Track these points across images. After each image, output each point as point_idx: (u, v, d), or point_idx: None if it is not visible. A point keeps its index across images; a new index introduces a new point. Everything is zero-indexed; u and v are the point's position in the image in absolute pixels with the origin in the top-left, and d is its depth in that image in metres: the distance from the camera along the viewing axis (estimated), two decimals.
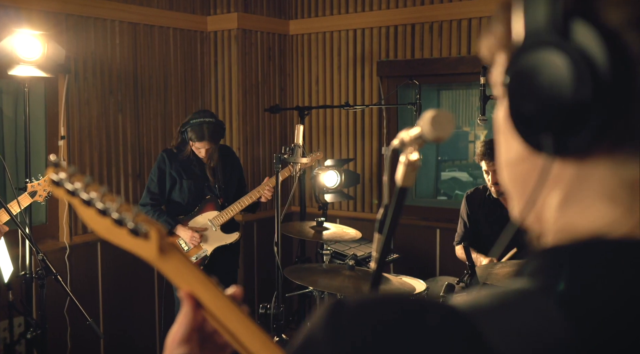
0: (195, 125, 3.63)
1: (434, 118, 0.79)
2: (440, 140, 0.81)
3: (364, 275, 3.36)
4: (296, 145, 2.73)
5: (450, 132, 0.80)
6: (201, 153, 3.72)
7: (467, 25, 4.35)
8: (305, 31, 5.03)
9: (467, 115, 6.44)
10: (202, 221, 3.78)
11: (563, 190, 0.61)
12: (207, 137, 3.63)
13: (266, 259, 5.02)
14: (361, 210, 4.92)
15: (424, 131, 0.81)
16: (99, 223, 0.86)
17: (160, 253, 0.87)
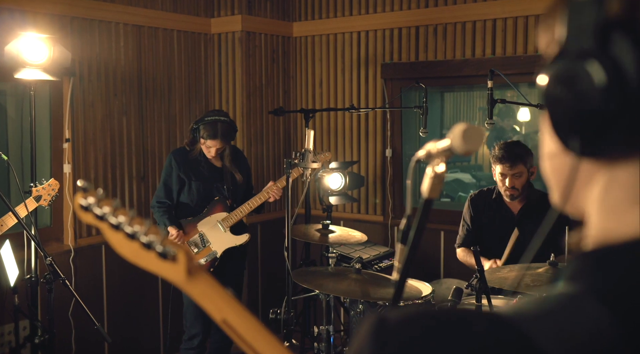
0: (209, 123, 3.62)
1: (465, 132, 0.79)
2: (469, 153, 0.81)
3: (371, 278, 3.36)
4: (307, 150, 2.72)
5: (480, 145, 0.80)
6: (211, 152, 3.70)
7: (472, 27, 4.35)
8: (309, 33, 5.03)
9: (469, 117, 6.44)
10: (211, 222, 3.78)
11: (600, 192, 0.63)
12: (219, 136, 3.63)
13: (270, 261, 5.01)
14: (365, 212, 4.92)
15: (454, 144, 0.81)
16: (128, 246, 0.85)
17: (189, 276, 0.87)
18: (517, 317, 0.56)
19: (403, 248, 1.09)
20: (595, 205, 0.63)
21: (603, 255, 0.60)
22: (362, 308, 3.32)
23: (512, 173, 3.53)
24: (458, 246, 3.88)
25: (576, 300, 0.56)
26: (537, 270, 2.77)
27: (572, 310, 0.55)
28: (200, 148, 3.74)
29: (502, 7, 4.23)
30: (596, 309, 0.54)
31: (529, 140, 5.43)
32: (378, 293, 3.20)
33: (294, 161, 2.72)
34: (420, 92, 4.57)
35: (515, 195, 3.61)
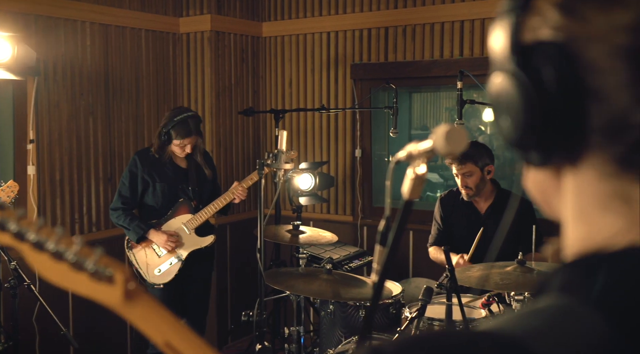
0: (179, 122, 3.58)
1: (448, 133, 0.80)
2: (452, 154, 0.82)
3: (342, 278, 3.36)
4: (279, 150, 2.71)
5: (463, 147, 0.80)
6: (186, 149, 3.65)
7: (440, 29, 4.39)
8: (279, 33, 5.01)
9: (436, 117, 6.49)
10: (175, 225, 3.73)
11: (571, 201, 0.63)
12: (193, 131, 3.59)
13: (239, 262, 4.99)
14: (334, 212, 4.93)
15: (437, 145, 0.82)
16: (54, 269, 0.75)
17: (127, 298, 0.78)
18: (520, 334, 0.54)
19: (382, 250, 1.09)
20: (569, 214, 0.64)
21: (591, 264, 0.59)
22: (332, 308, 3.32)
23: (462, 173, 3.60)
24: (430, 245, 3.92)
25: (575, 313, 0.55)
26: (505, 268, 2.81)
27: (573, 323, 0.55)
28: (170, 152, 3.69)
29: (469, 9, 4.27)
30: (596, 320, 0.54)
31: (495, 140, 5.49)
32: (349, 293, 3.20)
33: (267, 162, 2.70)
34: (390, 93, 4.60)
35: (470, 194, 3.66)
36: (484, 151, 3.65)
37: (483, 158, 3.63)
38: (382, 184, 5.01)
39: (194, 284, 3.86)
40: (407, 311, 3.02)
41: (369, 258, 4.29)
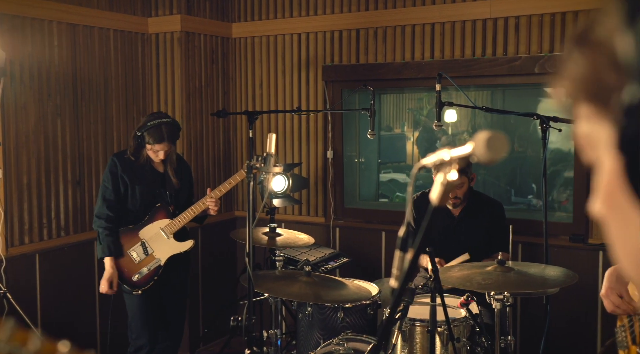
0: (153, 128, 3.51)
1: (489, 139, 0.80)
2: (493, 162, 0.82)
3: (321, 280, 3.36)
4: (269, 154, 2.69)
5: (504, 154, 0.81)
6: (159, 155, 3.59)
7: (411, 31, 4.43)
8: (249, 34, 4.98)
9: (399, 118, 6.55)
10: (153, 230, 3.67)
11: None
12: (166, 138, 3.52)
13: (211, 266, 4.94)
14: (306, 213, 4.92)
15: (477, 152, 0.82)
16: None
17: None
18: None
19: (401, 255, 1.09)
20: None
21: None
22: (310, 310, 3.32)
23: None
24: None
25: None
26: (486, 268, 2.85)
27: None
28: (146, 155, 3.63)
29: (440, 11, 4.32)
30: None
31: (457, 140, 5.58)
32: (330, 295, 3.21)
33: (256, 165, 2.68)
34: (362, 94, 4.62)
35: (457, 204, 3.71)
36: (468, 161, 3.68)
37: (469, 167, 3.67)
38: (353, 185, 5.03)
39: (173, 289, 3.80)
40: (387, 312, 3.03)
41: (344, 259, 4.29)
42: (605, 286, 2.26)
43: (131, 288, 3.65)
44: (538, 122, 3.22)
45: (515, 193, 5.33)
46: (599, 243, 3.98)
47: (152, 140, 3.53)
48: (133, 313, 3.70)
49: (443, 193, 0.92)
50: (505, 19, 4.14)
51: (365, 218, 4.82)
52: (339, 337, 3.09)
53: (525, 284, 2.69)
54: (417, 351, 2.88)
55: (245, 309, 2.76)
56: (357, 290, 3.32)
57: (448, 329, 2.69)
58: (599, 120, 0.54)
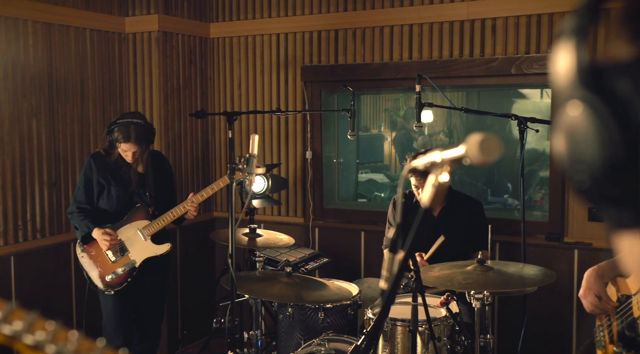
0: (122, 125, 3.48)
1: (482, 142, 0.81)
2: (486, 164, 0.83)
3: (302, 281, 3.36)
4: (252, 155, 2.68)
5: (497, 156, 0.82)
6: (128, 156, 3.56)
7: (390, 32, 4.45)
8: (227, 34, 4.96)
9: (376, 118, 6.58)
10: (131, 230, 3.63)
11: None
12: (133, 139, 3.48)
13: (190, 267, 4.91)
14: (285, 214, 4.92)
15: (470, 154, 0.83)
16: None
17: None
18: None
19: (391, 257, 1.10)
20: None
21: None
22: (291, 311, 3.32)
23: (423, 185, 3.65)
24: (385, 247, 3.96)
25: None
26: (466, 267, 2.88)
27: None
28: (118, 154, 3.59)
29: (418, 12, 4.35)
30: None
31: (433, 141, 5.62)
32: (311, 296, 3.21)
33: (239, 166, 2.67)
34: (340, 95, 4.63)
35: None
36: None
37: None
38: (333, 186, 5.03)
39: (149, 291, 3.77)
40: (369, 312, 3.05)
41: (324, 259, 4.30)
42: (584, 287, 2.30)
43: (104, 287, 3.61)
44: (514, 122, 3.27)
45: (492, 192, 5.39)
46: (574, 242, 4.04)
47: (120, 137, 3.51)
48: (107, 313, 3.67)
49: (434, 195, 0.93)
50: (482, 20, 4.18)
51: (344, 218, 4.83)
52: (320, 337, 3.09)
53: (505, 283, 2.73)
54: (398, 351, 2.89)
55: (228, 311, 2.74)
56: (337, 291, 3.33)
57: (429, 328, 2.70)
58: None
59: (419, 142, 5.95)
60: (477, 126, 5.32)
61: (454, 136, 5.39)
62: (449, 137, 5.35)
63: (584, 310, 4.15)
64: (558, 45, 0.54)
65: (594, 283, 2.29)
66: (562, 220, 4.11)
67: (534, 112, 4.15)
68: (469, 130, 5.33)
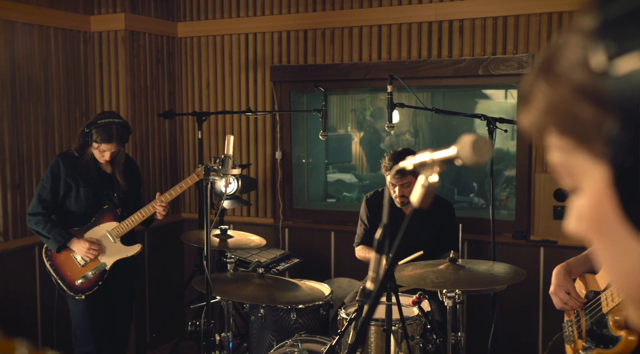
0: (102, 126, 3.41)
1: (474, 142, 0.81)
2: (478, 164, 0.84)
3: (274, 282, 3.35)
4: (227, 156, 2.65)
5: (489, 156, 0.82)
6: (105, 156, 3.49)
7: (359, 32, 4.47)
8: (195, 34, 4.91)
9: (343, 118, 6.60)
10: (100, 232, 3.57)
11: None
12: (115, 138, 3.43)
13: (159, 270, 4.85)
14: (255, 215, 4.90)
15: (462, 155, 0.83)
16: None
17: None
18: None
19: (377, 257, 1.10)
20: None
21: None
22: (263, 312, 3.31)
23: (401, 184, 3.68)
24: (357, 245, 3.98)
25: None
26: (438, 266, 2.91)
27: None
28: (91, 153, 3.52)
29: (387, 13, 4.38)
30: None
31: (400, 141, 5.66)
32: (284, 296, 3.20)
33: (213, 167, 2.64)
34: (309, 95, 4.63)
35: (405, 202, 3.76)
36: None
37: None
38: (302, 186, 5.03)
39: (119, 294, 3.71)
40: (343, 313, 3.05)
41: (295, 260, 4.29)
42: (554, 284, 2.35)
43: (74, 292, 3.54)
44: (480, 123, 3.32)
45: (458, 192, 5.46)
46: (540, 240, 4.11)
47: (100, 138, 3.44)
48: (77, 319, 3.60)
49: (424, 195, 0.94)
50: (449, 22, 4.23)
51: (314, 218, 4.83)
52: (292, 338, 3.09)
53: (477, 281, 2.76)
54: (371, 350, 2.91)
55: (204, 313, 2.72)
56: (310, 291, 3.33)
57: (403, 327, 2.72)
58: (578, 152, 0.50)
59: (386, 142, 5.99)
60: (442, 126, 5.38)
61: (419, 136, 5.44)
62: (415, 137, 5.40)
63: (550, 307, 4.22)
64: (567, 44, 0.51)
65: (563, 280, 2.34)
66: (528, 218, 4.18)
67: (499, 112, 4.21)
68: (434, 130, 5.39)
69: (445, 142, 5.41)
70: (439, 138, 5.35)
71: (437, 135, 5.39)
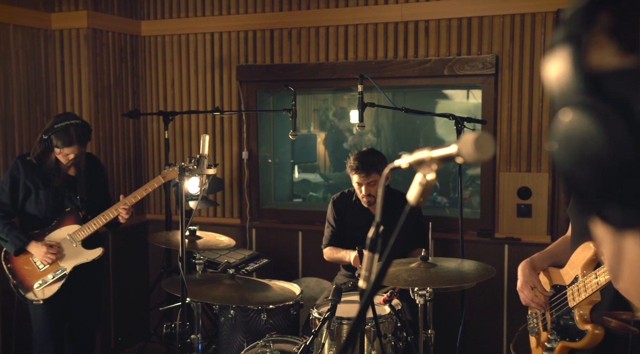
0: (61, 130, 3.33)
1: (477, 140, 0.82)
2: (479, 162, 0.85)
3: (245, 282, 3.33)
4: (202, 155, 2.62)
5: (491, 154, 0.83)
6: (69, 158, 3.41)
7: (325, 32, 4.48)
8: (159, 33, 4.85)
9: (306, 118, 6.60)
10: (60, 235, 3.48)
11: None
12: (75, 140, 3.35)
13: (123, 272, 4.76)
14: (221, 215, 4.86)
15: (464, 153, 0.84)
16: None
17: None
18: None
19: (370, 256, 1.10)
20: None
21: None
22: (233, 313, 3.29)
23: (366, 182, 3.70)
24: (325, 246, 3.98)
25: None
26: (410, 265, 2.93)
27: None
28: (54, 159, 3.43)
29: (353, 14, 4.40)
30: None
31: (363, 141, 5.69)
32: (256, 297, 3.19)
33: (189, 167, 2.61)
34: (275, 95, 4.61)
35: (371, 202, 3.79)
36: (383, 159, 3.78)
37: (384, 165, 3.76)
38: (269, 186, 5.01)
39: (82, 299, 3.62)
40: (315, 312, 3.05)
41: (264, 260, 4.27)
42: (521, 280, 2.39)
43: (33, 297, 3.45)
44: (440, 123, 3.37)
45: None
46: (505, 238, 4.19)
47: (61, 143, 3.36)
48: (37, 324, 3.51)
49: (422, 193, 0.94)
50: (415, 22, 4.27)
51: (281, 218, 4.82)
52: (264, 339, 3.08)
53: (449, 279, 2.80)
54: None
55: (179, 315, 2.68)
56: (281, 291, 3.32)
57: (376, 326, 2.74)
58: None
59: (349, 142, 6.02)
60: (404, 126, 5.43)
61: (381, 135, 5.48)
62: (377, 137, 5.44)
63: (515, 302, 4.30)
64: (552, 53, 0.54)
65: (529, 275, 2.38)
66: (493, 216, 4.25)
67: (460, 112, 4.26)
68: (396, 129, 5.44)
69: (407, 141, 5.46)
70: (401, 138, 5.40)
71: (399, 134, 5.45)
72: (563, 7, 3.93)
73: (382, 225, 3.19)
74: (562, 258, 2.47)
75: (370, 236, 1.07)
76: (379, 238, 1.06)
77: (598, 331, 2.09)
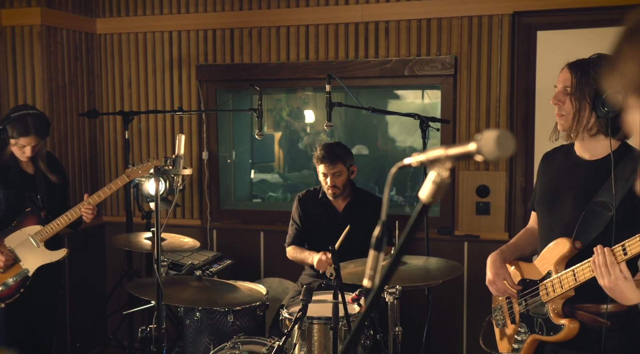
0: (16, 119, 3.20)
1: (499, 138, 0.83)
2: (499, 159, 0.86)
3: (212, 284, 3.30)
4: (178, 156, 2.58)
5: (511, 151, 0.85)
6: (26, 152, 3.28)
7: (286, 32, 4.47)
8: (115, 31, 4.74)
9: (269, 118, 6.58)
10: (22, 237, 3.37)
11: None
12: (32, 131, 3.23)
13: (79, 276, 4.64)
14: (182, 216, 4.79)
15: (486, 151, 0.85)
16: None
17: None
18: None
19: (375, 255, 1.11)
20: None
21: None
22: (199, 315, 3.25)
23: (332, 172, 3.74)
24: (288, 245, 3.97)
25: None
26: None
27: None
28: (11, 152, 3.31)
29: (314, 14, 4.40)
30: None
31: (317, 140, 5.72)
32: (224, 299, 3.16)
33: (165, 167, 2.56)
34: (235, 95, 4.58)
35: (337, 193, 3.82)
36: (349, 152, 3.84)
37: (349, 158, 3.81)
38: (228, 186, 4.97)
39: (42, 301, 3.52)
40: (285, 312, 3.04)
41: (227, 261, 4.24)
42: (492, 273, 2.43)
43: None
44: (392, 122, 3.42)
45: (380, 190, 5.58)
46: (464, 235, 4.27)
47: (16, 133, 3.24)
48: None
49: (436, 191, 0.95)
50: (375, 23, 4.31)
51: (241, 219, 4.78)
52: (231, 340, 3.05)
53: (419, 277, 2.83)
54: (315, 349, 2.92)
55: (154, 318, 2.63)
56: (249, 292, 3.30)
57: (347, 325, 2.75)
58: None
59: (305, 141, 6.03)
60: (356, 124, 5.49)
61: (335, 135, 5.50)
62: (331, 136, 5.46)
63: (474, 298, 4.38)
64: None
65: (500, 267, 2.41)
66: (453, 214, 4.33)
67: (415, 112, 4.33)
68: (348, 128, 5.49)
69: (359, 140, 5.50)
70: (353, 137, 5.46)
71: (351, 133, 5.51)
72: (519, 10, 4.04)
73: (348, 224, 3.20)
74: (527, 250, 2.53)
75: (376, 235, 1.08)
76: (384, 237, 1.07)
77: (573, 325, 2.15)
